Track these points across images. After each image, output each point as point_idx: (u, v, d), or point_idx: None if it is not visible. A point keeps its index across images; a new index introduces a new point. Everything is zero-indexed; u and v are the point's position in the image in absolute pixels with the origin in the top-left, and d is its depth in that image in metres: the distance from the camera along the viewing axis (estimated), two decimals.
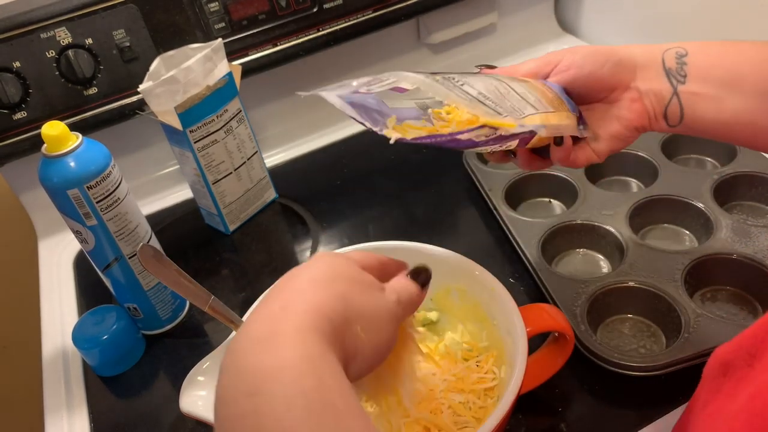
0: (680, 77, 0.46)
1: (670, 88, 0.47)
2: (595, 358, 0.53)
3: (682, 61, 0.46)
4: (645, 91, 0.48)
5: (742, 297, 0.60)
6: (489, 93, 0.43)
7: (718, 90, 0.45)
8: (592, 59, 0.48)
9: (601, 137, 0.50)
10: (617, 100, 0.49)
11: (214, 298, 0.50)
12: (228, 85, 0.70)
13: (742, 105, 0.44)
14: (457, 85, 0.43)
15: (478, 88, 0.43)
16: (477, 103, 0.42)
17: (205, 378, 0.48)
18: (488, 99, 0.43)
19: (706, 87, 0.46)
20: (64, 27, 0.70)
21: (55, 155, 0.53)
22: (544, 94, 0.48)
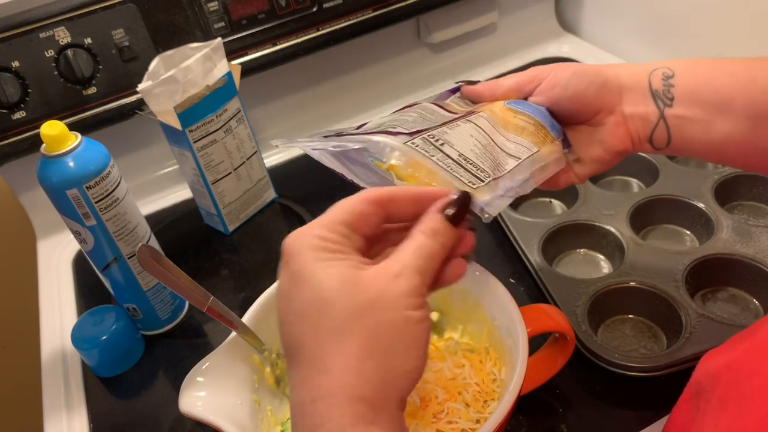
0: (667, 100, 0.45)
1: (657, 111, 0.45)
2: (596, 359, 0.53)
3: (669, 83, 0.45)
4: (630, 115, 0.46)
5: (743, 297, 0.59)
6: (470, 153, 0.43)
7: (706, 113, 0.44)
8: (577, 79, 0.47)
9: (583, 160, 0.49)
10: (601, 124, 0.48)
11: (213, 299, 0.50)
12: (227, 85, 0.70)
13: (731, 128, 0.43)
14: (437, 146, 0.42)
15: (460, 149, 0.43)
16: (457, 167, 0.41)
17: (204, 378, 0.47)
18: (468, 162, 0.42)
19: (693, 110, 0.44)
20: (63, 26, 0.70)
21: (54, 155, 0.53)
22: (524, 130, 0.47)
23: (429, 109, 0.49)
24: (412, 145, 0.41)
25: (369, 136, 0.43)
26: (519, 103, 0.49)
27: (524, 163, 0.45)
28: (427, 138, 0.43)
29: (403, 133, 0.43)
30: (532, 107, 0.49)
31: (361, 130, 0.47)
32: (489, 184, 0.42)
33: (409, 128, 0.44)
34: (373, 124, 0.48)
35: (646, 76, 0.46)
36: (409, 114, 0.48)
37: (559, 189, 0.50)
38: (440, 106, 0.50)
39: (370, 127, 0.48)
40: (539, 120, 0.48)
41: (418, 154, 0.41)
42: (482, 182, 0.42)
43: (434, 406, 0.49)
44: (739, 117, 0.43)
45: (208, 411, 0.45)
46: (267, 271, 0.72)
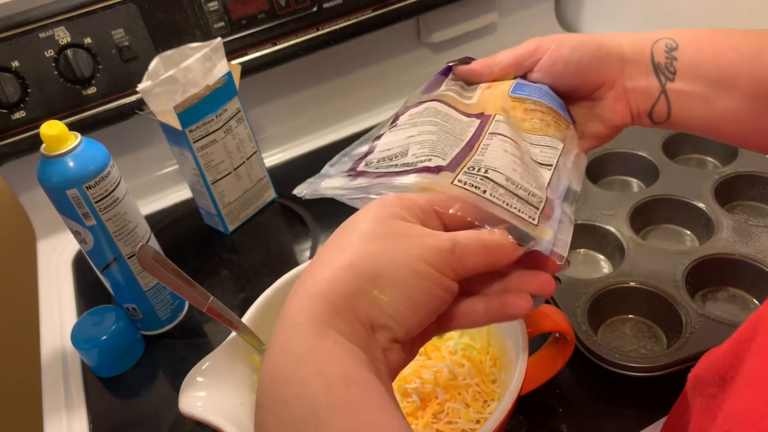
0: (669, 74, 0.43)
1: (658, 85, 0.44)
2: (596, 359, 0.53)
3: (672, 56, 0.43)
4: (631, 89, 0.45)
5: (743, 297, 0.59)
6: (513, 174, 0.38)
7: (708, 89, 0.43)
8: (579, 54, 0.45)
9: (584, 135, 0.48)
10: (601, 99, 0.46)
11: (213, 299, 0.50)
12: (227, 85, 0.70)
13: (733, 106, 0.42)
14: (483, 176, 0.37)
15: (503, 171, 0.38)
16: (510, 197, 0.37)
17: (204, 379, 0.47)
18: (518, 187, 0.38)
19: (695, 85, 0.43)
20: (63, 26, 0.70)
21: (53, 155, 0.53)
22: (540, 122, 0.43)
23: (441, 113, 0.44)
24: (459, 183, 0.37)
25: (406, 178, 0.38)
26: (522, 88, 0.46)
27: (558, 167, 0.41)
28: (470, 171, 0.38)
29: (442, 168, 0.38)
30: (536, 89, 0.46)
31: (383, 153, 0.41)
32: (544, 210, 0.38)
33: (442, 154, 0.39)
34: (392, 143, 0.42)
35: (649, 46, 0.44)
36: (427, 126, 0.42)
37: None
38: (447, 105, 0.45)
39: (391, 147, 0.42)
40: (550, 105, 0.45)
41: (468, 194, 0.36)
42: (538, 210, 0.37)
43: (434, 406, 0.49)
44: (741, 95, 0.42)
45: (208, 411, 0.45)
46: (267, 271, 0.72)
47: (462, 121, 0.44)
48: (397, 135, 0.43)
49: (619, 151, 0.75)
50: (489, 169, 0.38)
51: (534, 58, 0.46)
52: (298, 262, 0.73)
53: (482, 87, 0.48)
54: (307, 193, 0.42)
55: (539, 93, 0.45)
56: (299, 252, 0.74)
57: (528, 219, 0.36)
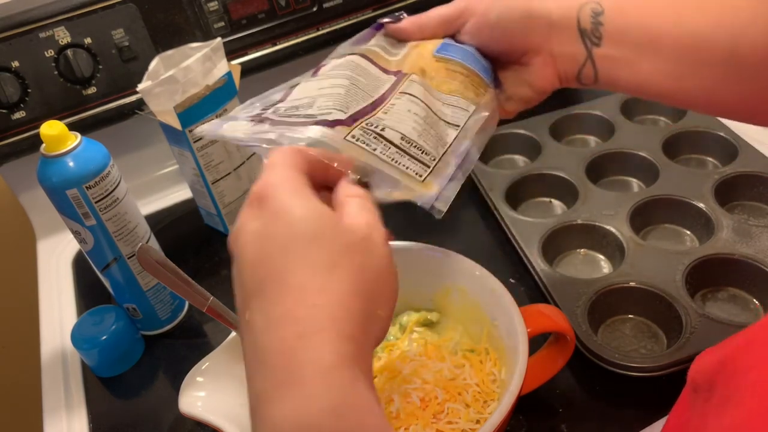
0: (595, 39, 0.44)
1: (585, 51, 0.44)
2: (596, 359, 0.53)
3: (598, 21, 0.44)
4: (558, 55, 0.46)
5: (743, 297, 0.59)
6: (412, 132, 0.41)
7: (633, 53, 0.43)
8: (506, 19, 0.45)
9: (512, 98, 0.49)
10: (528, 63, 0.47)
11: (213, 299, 0.50)
12: (227, 85, 0.70)
13: (657, 67, 0.43)
14: (378, 133, 0.39)
15: (402, 129, 0.40)
16: (401, 156, 0.39)
17: (204, 378, 0.48)
18: (412, 144, 0.40)
19: (621, 50, 0.44)
20: (63, 26, 0.70)
21: (53, 155, 0.53)
22: (456, 81, 0.45)
23: (359, 68, 0.45)
24: (351, 139, 0.39)
25: (304, 130, 0.38)
26: (448, 48, 0.47)
27: (465, 128, 0.44)
28: (366, 127, 0.40)
29: (340, 122, 0.39)
30: (462, 51, 0.47)
31: (293, 102, 0.42)
32: (436, 169, 0.40)
33: (344, 108, 0.40)
34: (303, 93, 0.43)
35: (576, 11, 0.44)
36: (339, 80, 0.43)
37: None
38: (369, 60, 0.46)
39: (301, 97, 0.42)
40: (472, 67, 0.46)
41: (359, 150, 0.38)
42: (428, 168, 0.40)
43: (434, 406, 0.49)
44: (664, 57, 0.43)
45: (208, 411, 0.45)
46: None
47: (379, 78, 0.45)
48: (311, 85, 0.44)
49: (619, 151, 0.75)
50: (386, 127, 0.40)
51: (462, 20, 0.47)
52: None
53: (410, 45, 0.49)
54: (207, 132, 0.40)
55: (463, 54, 0.47)
56: None
57: (414, 175, 0.39)
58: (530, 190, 0.74)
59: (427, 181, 0.40)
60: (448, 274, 0.53)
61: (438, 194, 0.39)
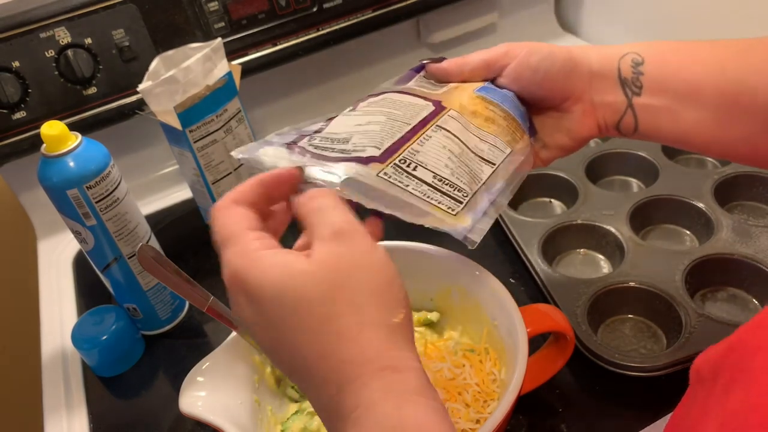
0: (636, 88, 0.44)
1: (625, 100, 0.45)
2: (596, 359, 0.53)
3: (638, 71, 0.44)
4: (599, 104, 0.46)
5: (743, 297, 0.59)
6: (444, 170, 0.41)
7: (674, 102, 0.43)
8: (548, 64, 0.46)
9: (549, 146, 0.49)
10: (569, 111, 0.47)
11: (213, 299, 0.50)
12: (227, 85, 0.70)
13: (698, 117, 0.43)
14: (410, 173, 0.39)
15: (434, 168, 0.40)
16: (433, 193, 0.39)
17: (204, 378, 0.48)
18: (445, 182, 0.40)
19: (662, 99, 0.44)
20: (63, 26, 0.70)
21: (54, 155, 0.53)
22: (494, 123, 0.45)
23: (396, 102, 0.46)
24: (384, 176, 0.39)
25: (337, 166, 0.39)
26: (488, 90, 0.47)
27: (500, 168, 0.44)
28: (399, 165, 0.40)
29: (374, 159, 0.39)
30: (501, 94, 0.47)
31: (329, 135, 0.43)
32: (468, 204, 0.41)
33: (378, 144, 0.41)
34: (340, 127, 0.44)
35: (616, 61, 0.45)
36: (376, 116, 0.44)
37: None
38: (406, 93, 0.47)
39: (338, 131, 0.43)
40: (510, 112, 0.46)
41: (391, 186, 0.39)
42: (461, 204, 0.40)
43: None
44: (705, 107, 0.43)
45: (208, 411, 0.45)
46: None
47: (417, 104, 0.45)
48: (349, 120, 0.44)
49: (619, 151, 0.75)
50: (419, 165, 0.40)
51: (503, 63, 0.47)
52: None
53: (451, 86, 0.49)
54: (243, 156, 0.41)
55: (502, 98, 0.47)
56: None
57: (447, 209, 0.39)
58: (530, 190, 0.74)
59: (459, 214, 0.40)
60: (448, 274, 0.53)
61: (471, 227, 0.40)
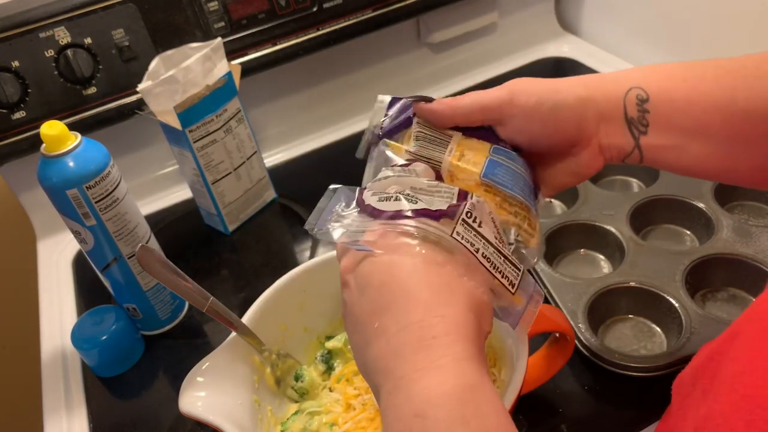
0: (642, 127, 0.42)
1: (632, 141, 0.43)
2: (596, 359, 0.53)
3: (644, 108, 0.42)
4: (606, 146, 0.44)
5: (743, 297, 0.59)
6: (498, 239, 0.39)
7: (682, 139, 0.42)
8: (558, 115, 0.42)
9: (550, 186, 0.46)
10: (576, 155, 0.45)
11: (213, 299, 0.50)
12: (227, 85, 0.70)
13: (705, 152, 0.41)
14: (476, 230, 0.38)
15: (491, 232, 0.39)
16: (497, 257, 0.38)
17: (204, 378, 0.47)
18: (504, 244, 0.39)
19: (669, 137, 0.42)
20: (63, 26, 0.70)
21: (54, 155, 0.53)
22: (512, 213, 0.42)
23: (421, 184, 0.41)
24: (457, 237, 0.36)
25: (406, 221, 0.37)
26: (495, 171, 0.42)
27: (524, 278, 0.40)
28: (467, 220, 0.37)
29: (443, 213, 0.37)
30: (510, 174, 0.42)
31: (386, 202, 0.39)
32: (521, 282, 0.39)
33: (440, 202, 0.38)
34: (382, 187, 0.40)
35: (622, 99, 0.43)
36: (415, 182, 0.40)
37: None
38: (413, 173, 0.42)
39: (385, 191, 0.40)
40: (522, 199, 0.42)
41: (463, 250, 0.36)
42: (519, 273, 0.39)
43: None
44: (714, 140, 0.41)
45: (208, 411, 0.45)
46: (267, 271, 0.72)
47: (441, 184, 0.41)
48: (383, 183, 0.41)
49: None
50: (482, 222, 0.38)
51: (506, 112, 0.43)
52: (298, 262, 0.72)
53: (451, 155, 0.43)
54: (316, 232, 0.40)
55: (513, 181, 0.42)
56: (299, 252, 0.74)
57: (508, 285, 0.38)
58: None
59: (517, 294, 0.38)
60: None
61: (524, 309, 0.39)
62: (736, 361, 0.29)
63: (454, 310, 0.35)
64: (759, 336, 0.29)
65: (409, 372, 0.33)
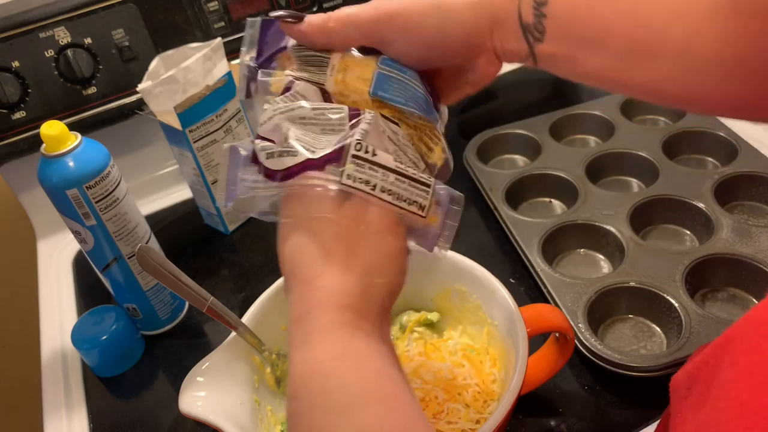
0: (538, 33, 0.40)
1: (527, 48, 0.40)
2: (596, 359, 0.53)
3: (541, 12, 0.39)
4: (500, 51, 0.41)
5: (743, 297, 0.59)
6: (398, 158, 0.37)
7: (578, 49, 0.39)
8: (440, 37, 0.39)
9: (449, 97, 0.44)
10: (471, 65, 0.42)
11: (213, 299, 0.50)
12: (227, 85, 0.70)
13: (601, 64, 0.39)
14: (369, 159, 0.35)
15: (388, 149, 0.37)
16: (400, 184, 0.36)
17: (204, 378, 0.47)
18: (406, 165, 0.37)
19: (564, 46, 0.40)
20: (63, 26, 0.70)
21: (54, 155, 0.53)
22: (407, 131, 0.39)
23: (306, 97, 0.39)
24: (348, 181, 0.35)
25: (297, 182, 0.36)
26: (384, 85, 0.39)
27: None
28: (358, 155, 0.35)
29: (329, 159, 0.35)
30: (403, 88, 0.39)
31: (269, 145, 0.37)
32: (434, 193, 0.36)
33: (325, 142, 0.36)
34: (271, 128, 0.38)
35: (516, 4, 0.40)
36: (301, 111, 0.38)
37: None
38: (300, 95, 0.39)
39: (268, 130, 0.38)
40: (419, 113, 0.39)
41: (357, 193, 0.35)
42: (428, 191, 0.36)
43: (434, 406, 0.49)
44: (609, 53, 0.39)
45: (208, 411, 0.45)
46: (267, 271, 0.72)
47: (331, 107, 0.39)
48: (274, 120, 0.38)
49: (619, 151, 0.75)
50: (375, 149, 0.35)
51: (385, 36, 0.39)
52: None
53: (334, 73, 0.40)
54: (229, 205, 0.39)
55: (405, 95, 0.39)
56: None
57: (417, 211, 0.36)
58: (530, 190, 0.74)
59: (429, 215, 0.36)
60: (448, 275, 0.53)
61: (440, 228, 0.37)
62: (733, 366, 0.29)
63: (328, 280, 0.34)
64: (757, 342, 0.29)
65: (293, 353, 0.34)
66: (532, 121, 0.81)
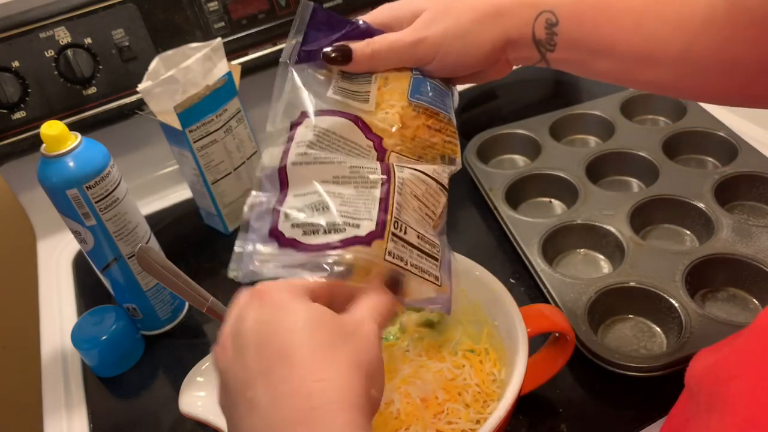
0: (550, 46, 0.45)
1: (539, 56, 0.46)
2: (596, 359, 0.53)
3: (552, 31, 0.44)
4: (513, 59, 0.47)
5: (743, 297, 0.59)
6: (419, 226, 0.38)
7: (587, 56, 0.45)
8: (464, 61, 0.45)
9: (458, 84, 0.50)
10: (485, 70, 0.48)
11: (213, 299, 0.50)
12: (227, 85, 0.70)
13: (609, 67, 0.45)
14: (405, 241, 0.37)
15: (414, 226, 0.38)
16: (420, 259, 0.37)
17: (204, 379, 0.48)
18: (425, 241, 0.38)
19: (574, 54, 0.45)
20: (63, 26, 0.70)
21: (54, 155, 0.53)
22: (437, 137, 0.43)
23: (343, 139, 0.41)
24: (390, 258, 0.35)
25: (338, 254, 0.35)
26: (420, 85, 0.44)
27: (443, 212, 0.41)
28: (395, 234, 0.36)
29: (373, 235, 0.36)
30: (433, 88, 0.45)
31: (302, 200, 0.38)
32: (442, 263, 0.39)
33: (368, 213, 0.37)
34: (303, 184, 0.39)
35: (530, 25, 0.44)
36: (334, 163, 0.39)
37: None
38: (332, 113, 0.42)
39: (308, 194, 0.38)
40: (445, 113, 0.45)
41: (395, 269, 0.36)
42: (437, 263, 0.38)
43: (434, 406, 0.49)
44: (617, 60, 0.44)
45: (208, 411, 0.45)
46: None
47: (362, 147, 0.41)
48: (304, 172, 0.39)
49: (619, 151, 0.75)
50: (407, 227, 0.37)
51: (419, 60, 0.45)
52: None
53: (377, 83, 0.44)
54: (241, 276, 0.38)
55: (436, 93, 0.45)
56: None
57: (434, 281, 0.38)
58: (530, 190, 0.74)
59: (442, 281, 0.38)
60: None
61: (450, 293, 0.39)
62: (739, 379, 0.29)
63: (336, 371, 0.30)
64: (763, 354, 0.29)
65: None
66: (532, 121, 0.81)
